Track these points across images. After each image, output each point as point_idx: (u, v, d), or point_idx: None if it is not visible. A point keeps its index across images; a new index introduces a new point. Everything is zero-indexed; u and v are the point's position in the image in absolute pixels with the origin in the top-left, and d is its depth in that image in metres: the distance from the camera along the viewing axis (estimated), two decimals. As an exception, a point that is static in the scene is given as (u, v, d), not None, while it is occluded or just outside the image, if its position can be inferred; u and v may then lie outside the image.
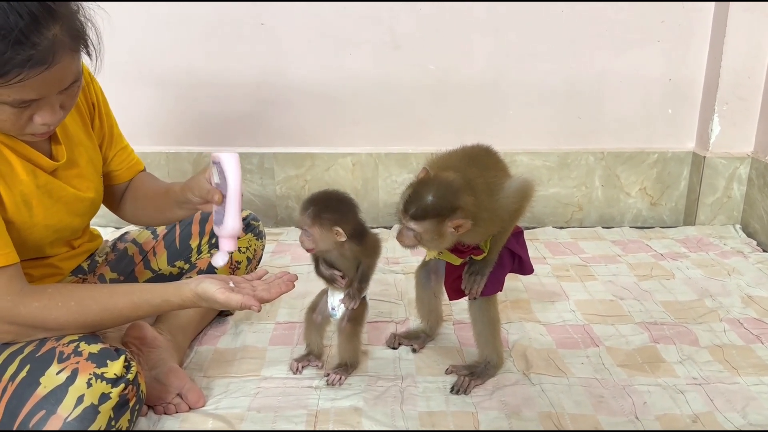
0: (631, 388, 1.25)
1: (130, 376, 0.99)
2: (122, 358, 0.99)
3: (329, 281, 1.25)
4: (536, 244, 2.09)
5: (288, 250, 2.04)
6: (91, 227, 1.38)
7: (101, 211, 1.31)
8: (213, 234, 1.48)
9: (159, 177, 1.44)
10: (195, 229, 1.51)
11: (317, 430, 1.12)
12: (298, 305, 1.59)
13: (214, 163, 1.13)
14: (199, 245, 1.50)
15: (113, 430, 0.96)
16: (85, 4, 0.96)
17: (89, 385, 0.94)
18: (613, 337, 1.45)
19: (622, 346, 1.41)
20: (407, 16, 2.15)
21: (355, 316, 1.26)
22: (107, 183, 1.32)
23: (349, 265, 1.23)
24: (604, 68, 2.22)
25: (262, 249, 1.62)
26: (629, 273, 1.85)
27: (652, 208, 2.35)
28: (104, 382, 0.95)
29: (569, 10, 2.15)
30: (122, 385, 0.97)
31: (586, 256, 2.00)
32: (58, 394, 0.93)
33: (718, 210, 2.25)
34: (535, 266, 1.36)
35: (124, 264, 1.46)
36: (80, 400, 0.93)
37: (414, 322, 1.50)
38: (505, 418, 1.16)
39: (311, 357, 1.33)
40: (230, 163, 1.10)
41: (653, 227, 2.31)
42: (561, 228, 2.31)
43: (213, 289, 1.06)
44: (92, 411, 0.93)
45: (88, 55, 0.98)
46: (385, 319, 1.55)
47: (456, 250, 1.21)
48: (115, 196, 1.37)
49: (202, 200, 1.17)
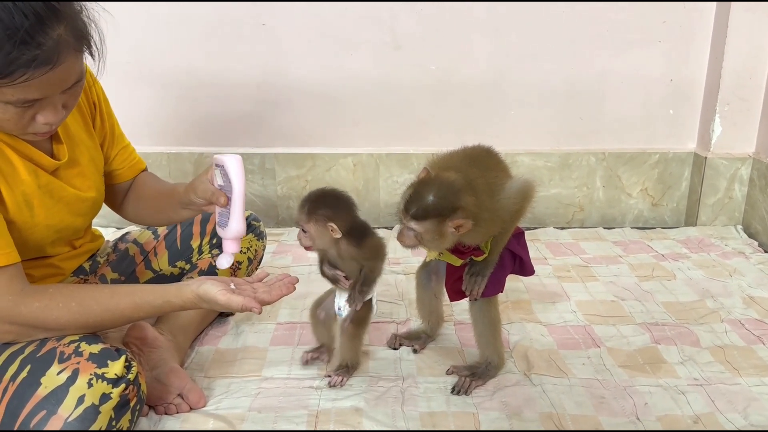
0: (632, 388, 1.25)
1: (130, 377, 0.99)
2: (123, 358, 0.99)
3: (333, 281, 1.25)
4: (537, 245, 2.09)
5: (289, 250, 2.04)
6: (93, 228, 1.38)
7: (102, 211, 1.31)
8: (214, 234, 1.48)
9: (160, 177, 1.44)
10: (196, 229, 1.51)
11: (318, 431, 1.12)
12: (299, 306, 1.59)
13: (217, 165, 1.13)
14: (200, 245, 1.50)
15: (114, 430, 0.96)
16: (87, 5, 0.96)
17: (90, 385, 0.94)
18: (614, 338, 1.45)
19: (623, 347, 1.41)
20: (407, 16, 2.15)
21: (359, 318, 1.26)
22: (109, 182, 1.32)
23: (349, 266, 1.22)
24: (605, 69, 2.21)
25: (263, 249, 1.62)
26: (630, 274, 1.84)
27: (654, 209, 2.34)
28: (105, 383, 0.95)
29: (570, 10, 2.15)
30: (123, 386, 0.97)
31: (587, 256, 2.00)
32: (58, 394, 0.93)
33: (720, 211, 2.24)
34: (536, 267, 1.36)
35: (126, 264, 1.46)
36: (81, 400, 0.93)
37: (415, 323, 1.50)
38: (506, 419, 1.15)
39: (323, 349, 1.34)
40: (234, 166, 1.11)
41: (654, 228, 2.31)
42: (562, 229, 2.31)
43: (214, 290, 1.06)
44: (93, 411, 0.93)
45: (91, 55, 0.98)
46: (386, 320, 1.55)
47: (457, 251, 1.21)
48: (117, 196, 1.37)
49: (206, 202, 1.17)
